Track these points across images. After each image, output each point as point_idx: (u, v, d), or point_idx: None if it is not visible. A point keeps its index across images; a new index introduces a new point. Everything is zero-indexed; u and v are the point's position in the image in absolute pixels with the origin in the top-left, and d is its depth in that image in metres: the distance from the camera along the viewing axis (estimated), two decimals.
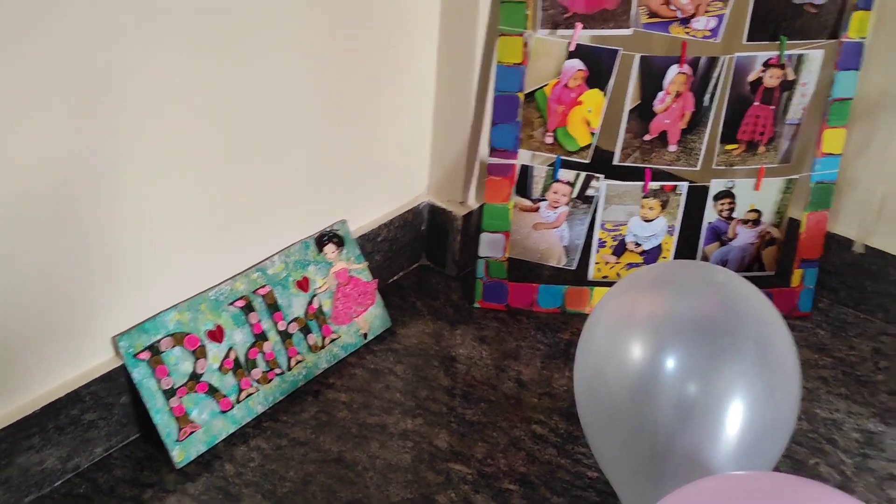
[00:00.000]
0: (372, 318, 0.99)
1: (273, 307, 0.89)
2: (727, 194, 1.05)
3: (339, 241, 0.97)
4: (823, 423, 0.90)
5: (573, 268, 1.08)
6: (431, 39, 1.01)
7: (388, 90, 0.98)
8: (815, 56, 0.98)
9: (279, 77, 0.84)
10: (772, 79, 0.99)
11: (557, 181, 1.03)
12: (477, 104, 1.02)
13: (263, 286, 0.89)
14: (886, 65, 0.98)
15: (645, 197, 1.04)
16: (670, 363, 0.69)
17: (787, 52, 0.97)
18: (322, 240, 0.95)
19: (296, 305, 0.91)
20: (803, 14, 0.96)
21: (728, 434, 0.67)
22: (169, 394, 0.78)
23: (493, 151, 1.00)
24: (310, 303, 0.93)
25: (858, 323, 1.06)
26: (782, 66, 0.98)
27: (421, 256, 1.14)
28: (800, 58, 0.98)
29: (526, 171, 1.03)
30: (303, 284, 0.92)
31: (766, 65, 0.98)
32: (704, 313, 0.72)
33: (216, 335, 0.83)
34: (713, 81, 0.99)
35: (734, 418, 0.67)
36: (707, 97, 1.00)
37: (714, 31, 0.97)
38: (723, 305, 0.72)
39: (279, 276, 0.90)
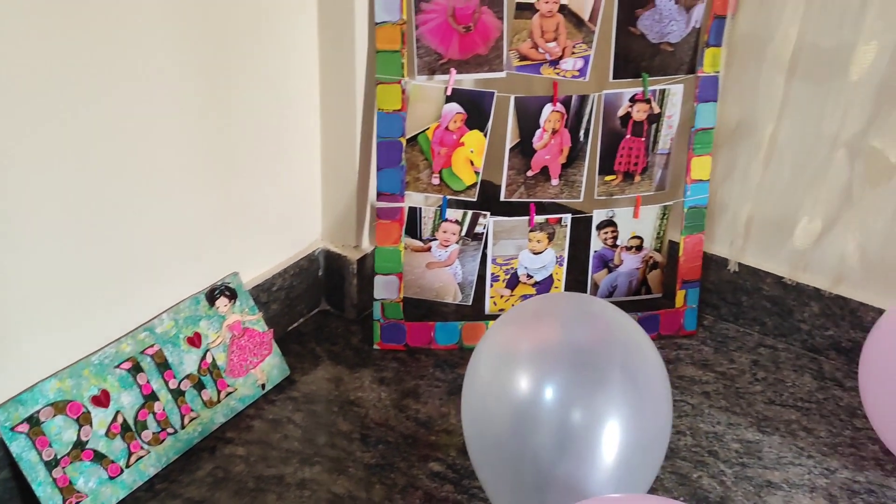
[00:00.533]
0: (269, 367, 1.00)
1: (163, 366, 0.88)
2: (609, 223, 1.10)
3: (232, 294, 0.97)
4: (706, 436, 0.95)
5: (469, 303, 1.11)
6: (313, 89, 1.03)
7: (272, 141, 0.99)
8: (676, 90, 1.04)
9: (152, 134, 0.84)
10: (639, 113, 1.05)
11: (446, 220, 1.06)
12: (362, 150, 1.05)
13: (152, 345, 0.88)
14: (740, 95, 1.05)
15: (532, 230, 1.07)
16: (548, 393, 0.72)
17: (650, 88, 1.03)
18: (213, 294, 0.95)
19: (188, 362, 0.91)
20: (661, 52, 1.02)
21: (603, 459, 0.70)
22: (51, 465, 0.76)
23: (381, 196, 1.03)
24: (203, 358, 0.92)
25: (738, 337, 1.12)
26: (648, 101, 1.04)
27: (321, 302, 1.15)
28: (662, 92, 1.04)
29: (415, 212, 1.05)
30: (194, 340, 0.92)
31: (633, 100, 1.04)
32: (579, 344, 0.76)
33: (101, 400, 0.82)
34: (586, 118, 1.04)
35: (608, 443, 0.70)
36: (582, 132, 1.05)
37: (582, 71, 1.02)
38: (596, 335, 0.76)
39: (168, 333, 0.90)
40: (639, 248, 1.11)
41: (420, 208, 1.05)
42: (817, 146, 1.01)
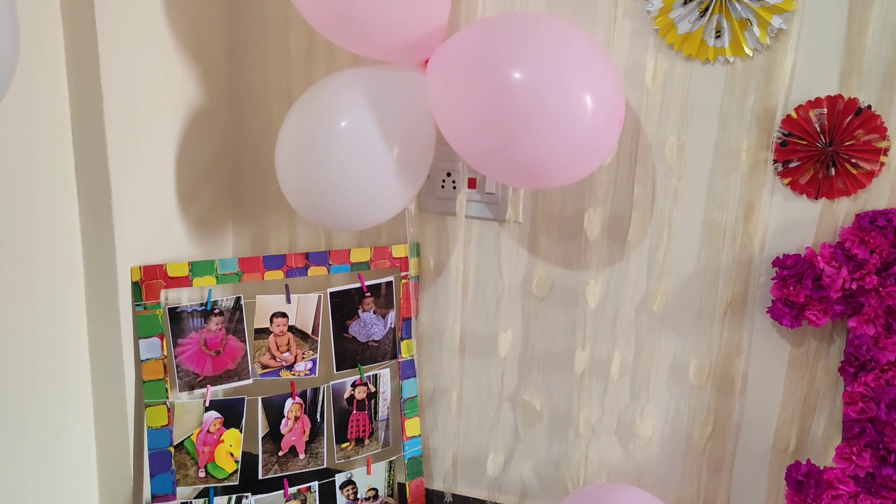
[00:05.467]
0: None
1: None
2: (349, 482, 1.37)
3: None
4: None
5: None
6: (88, 419, 1.21)
7: (48, 470, 1.15)
8: (384, 373, 1.38)
9: None
10: (360, 393, 1.36)
11: None
12: (136, 461, 1.23)
13: None
14: (431, 371, 1.41)
15: (287, 501, 1.31)
16: None
17: (365, 374, 1.36)
18: None
19: None
20: (370, 348, 1.36)
21: None
22: None
23: (155, 497, 1.21)
24: None
25: None
26: (365, 384, 1.36)
27: None
28: (375, 376, 1.37)
29: None
30: None
31: (354, 385, 1.35)
32: None
33: None
34: (320, 404, 1.34)
35: None
36: (318, 415, 1.34)
37: (312, 370, 1.32)
38: None
39: None
40: (375, 497, 1.39)
41: (191, 501, 1.25)
42: (490, 401, 1.39)
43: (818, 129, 1.13)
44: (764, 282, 1.21)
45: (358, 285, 1.32)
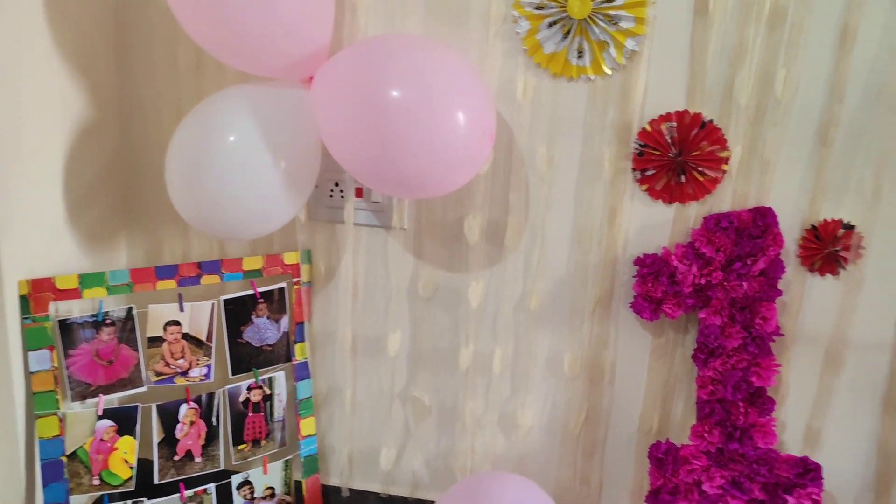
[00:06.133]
0: None
1: None
2: (246, 482, 1.41)
3: None
4: None
5: None
6: None
7: None
8: (279, 376, 1.43)
9: None
10: (256, 396, 1.41)
11: None
12: (28, 472, 1.24)
13: None
14: (325, 372, 1.47)
15: (184, 503, 1.35)
16: None
17: (260, 378, 1.41)
18: None
19: None
20: (264, 352, 1.41)
21: None
22: None
23: None
24: None
25: None
26: (260, 387, 1.41)
27: None
28: (270, 379, 1.42)
29: None
30: None
31: (249, 388, 1.40)
32: None
33: None
34: (216, 408, 1.37)
35: None
36: (214, 419, 1.38)
37: (207, 375, 1.36)
38: None
39: None
40: (272, 495, 1.44)
41: None
42: (381, 399, 1.46)
43: (669, 140, 1.25)
44: (627, 280, 1.32)
45: (251, 292, 1.37)
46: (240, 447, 1.40)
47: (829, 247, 1.24)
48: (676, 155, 1.26)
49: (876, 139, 1.19)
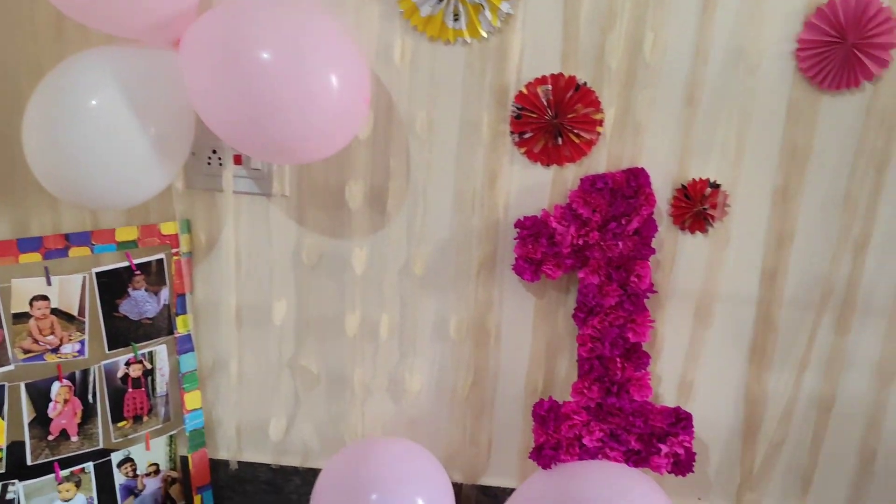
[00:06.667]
0: None
1: None
2: (127, 460, 1.37)
3: None
4: None
5: None
6: None
7: None
8: (160, 349, 1.39)
9: None
10: (135, 371, 1.37)
11: None
12: None
13: None
14: (209, 343, 1.44)
15: (60, 484, 1.30)
16: None
17: (140, 352, 1.36)
18: None
19: None
20: (143, 325, 1.37)
21: None
22: None
23: None
24: None
25: None
26: (140, 361, 1.37)
27: None
28: (151, 353, 1.38)
29: None
30: None
31: (128, 363, 1.36)
32: None
33: None
34: (91, 385, 1.33)
35: None
36: (90, 396, 1.33)
37: (81, 351, 1.31)
38: None
39: None
40: (157, 471, 1.41)
41: None
42: (269, 369, 1.44)
43: (545, 103, 1.27)
44: (509, 242, 1.34)
45: (126, 264, 1.32)
46: (120, 424, 1.36)
47: (697, 205, 1.29)
48: (553, 118, 1.28)
49: (737, 100, 1.24)
